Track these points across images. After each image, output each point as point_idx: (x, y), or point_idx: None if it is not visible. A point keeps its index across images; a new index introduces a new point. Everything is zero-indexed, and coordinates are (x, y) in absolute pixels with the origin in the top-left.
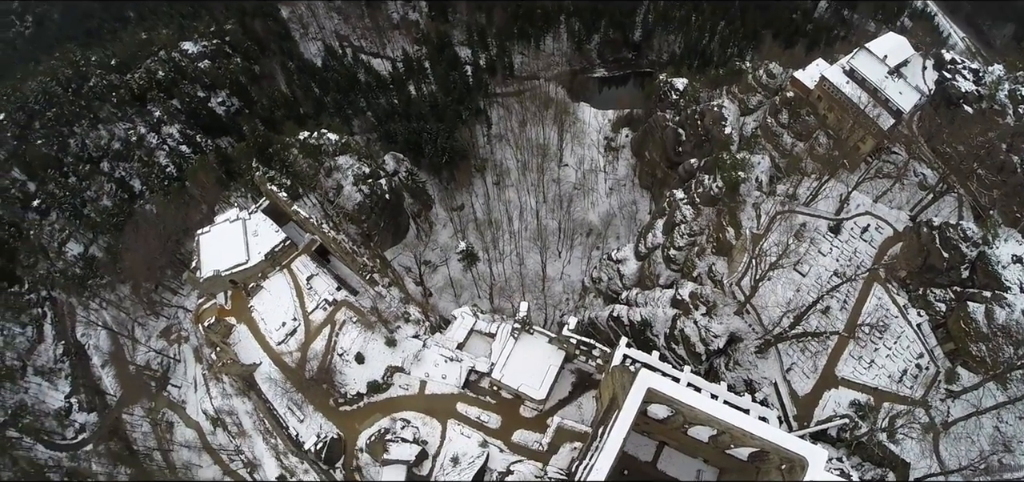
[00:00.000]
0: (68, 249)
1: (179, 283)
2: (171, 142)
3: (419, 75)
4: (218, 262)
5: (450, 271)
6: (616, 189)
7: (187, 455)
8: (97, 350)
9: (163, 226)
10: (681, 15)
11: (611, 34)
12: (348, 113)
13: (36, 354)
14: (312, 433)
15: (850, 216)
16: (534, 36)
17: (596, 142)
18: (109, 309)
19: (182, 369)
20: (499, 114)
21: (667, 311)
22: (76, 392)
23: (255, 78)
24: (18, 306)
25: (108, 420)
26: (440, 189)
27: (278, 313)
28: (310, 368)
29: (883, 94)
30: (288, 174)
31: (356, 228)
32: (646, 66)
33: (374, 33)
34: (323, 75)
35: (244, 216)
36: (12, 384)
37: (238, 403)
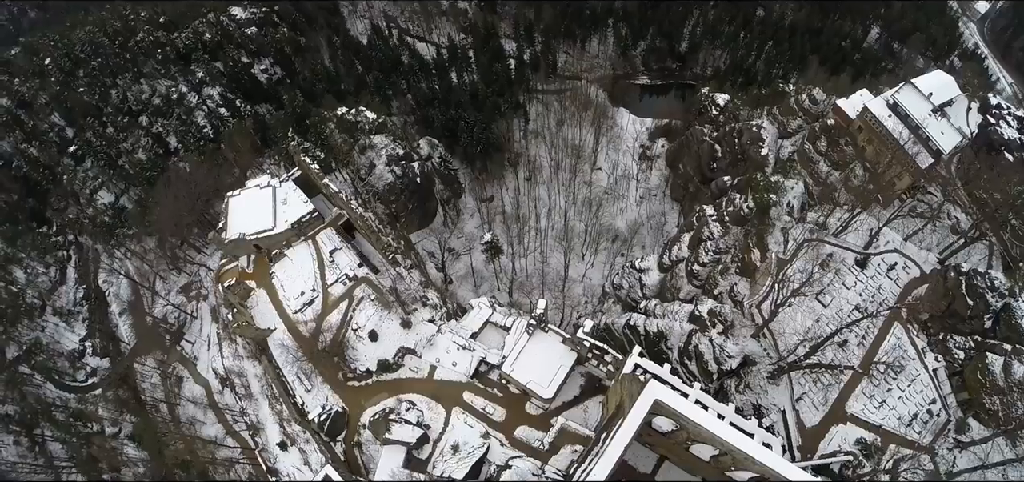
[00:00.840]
0: (99, 197)
1: (204, 242)
2: (211, 104)
3: (462, 63)
4: (244, 225)
5: (473, 261)
6: (646, 198)
7: (193, 410)
8: (116, 298)
9: (194, 185)
10: (730, 31)
11: (658, 43)
12: (388, 94)
13: (57, 295)
14: (318, 404)
15: (878, 252)
16: (581, 36)
17: (631, 149)
18: (133, 259)
19: (198, 326)
20: (538, 110)
21: (684, 326)
22: (91, 336)
23: (300, 49)
24: (44, 247)
25: (120, 367)
26: (471, 179)
27: (298, 282)
28: (323, 340)
29: (924, 132)
30: (323, 147)
31: (384, 208)
32: (689, 78)
33: (422, 17)
34: (367, 54)
35: (275, 183)
36: (30, 321)
37: (248, 366)
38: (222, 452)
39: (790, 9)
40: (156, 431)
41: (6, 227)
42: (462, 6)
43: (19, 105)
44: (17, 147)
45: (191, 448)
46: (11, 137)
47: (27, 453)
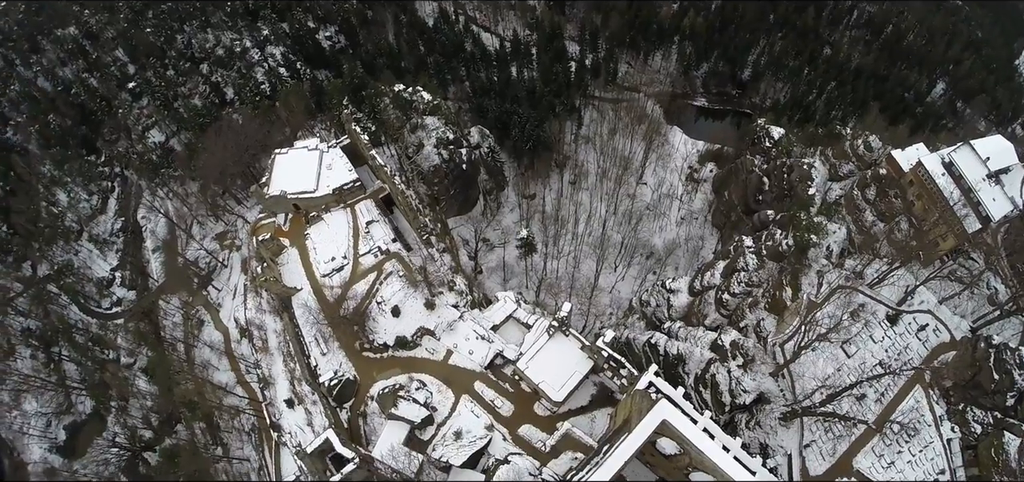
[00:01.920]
0: (150, 135)
1: (245, 194)
2: (272, 62)
3: (524, 59)
4: (287, 184)
5: (506, 255)
6: (687, 220)
7: (208, 355)
8: (152, 235)
9: (244, 137)
10: (794, 65)
11: (720, 67)
12: (447, 78)
13: (95, 223)
14: (331, 369)
15: (911, 310)
16: (645, 49)
17: (679, 169)
18: (174, 200)
19: (226, 274)
20: (592, 116)
21: (704, 353)
22: (122, 268)
23: (366, 22)
24: (90, 174)
25: (145, 302)
26: (516, 174)
27: (330, 248)
28: (346, 307)
29: (976, 196)
30: (375, 120)
31: (426, 188)
32: (747, 107)
33: (490, 8)
34: (431, 35)
35: (323, 148)
36: (65, 244)
37: (269, 320)
38: (230, 399)
39: (858, 51)
40: (169, 368)
41: (56, 150)
42: (531, 3)
43: (86, 36)
44: (78, 75)
45: (201, 390)
46: (74, 65)
47: (42, 368)
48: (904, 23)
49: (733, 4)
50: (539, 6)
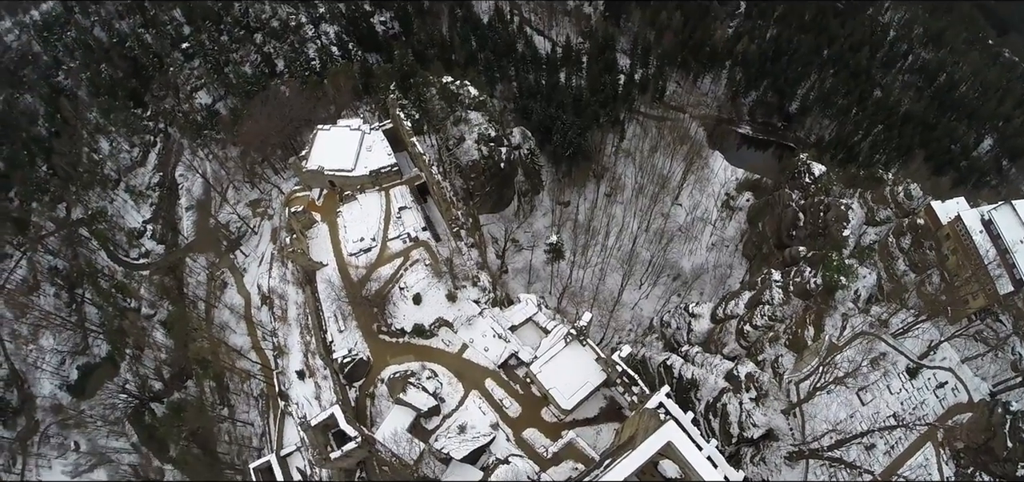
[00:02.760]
0: (198, 97)
1: (283, 165)
2: (325, 39)
3: (573, 66)
4: (326, 160)
5: (533, 258)
6: (718, 246)
7: (228, 317)
8: (188, 193)
9: (289, 109)
10: (843, 103)
11: (769, 96)
12: (495, 76)
13: (133, 174)
14: (346, 346)
15: (932, 366)
16: (695, 71)
17: (716, 195)
18: (213, 162)
19: (255, 241)
20: (635, 131)
21: (718, 381)
22: (154, 221)
23: (421, 12)
24: (135, 127)
25: (172, 257)
26: (553, 179)
27: (360, 228)
28: (369, 289)
29: (1012, 257)
30: (419, 108)
31: (462, 182)
32: (791, 140)
33: (545, 12)
34: (484, 32)
35: (365, 129)
36: (102, 190)
37: (291, 291)
38: (243, 363)
39: (908, 97)
40: (188, 325)
41: (104, 99)
42: (586, 11)
43: None
44: (134, 30)
45: (215, 350)
46: (131, 19)
47: (63, 307)
48: (958, 74)
49: (788, 35)
50: (594, 15)
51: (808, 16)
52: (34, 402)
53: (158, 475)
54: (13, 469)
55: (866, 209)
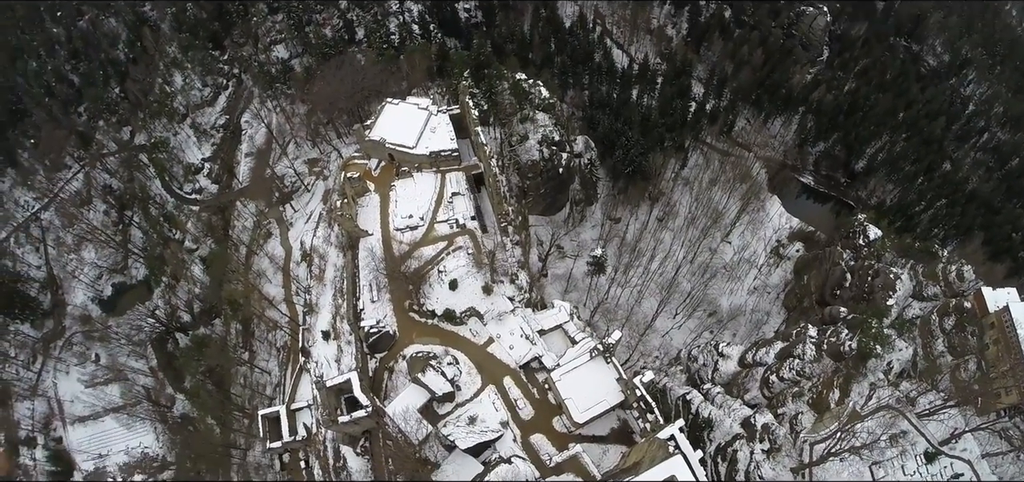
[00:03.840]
0: (275, 50)
1: (347, 131)
2: (407, 16)
3: (647, 85)
4: (389, 133)
5: (574, 267)
6: (759, 292)
7: (266, 265)
8: (250, 140)
9: (362, 78)
10: (910, 171)
11: (836, 150)
12: (569, 81)
13: (201, 112)
14: (375, 317)
15: (952, 454)
16: (767, 111)
17: (766, 240)
18: (279, 115)
19: (307, 199)
20: (697, 160)
21: (734, 426)
22: (213, 161)
23: (506, 5)
24: (210, 68)
25: (224, 198)
26: (609, 193)
27: (411, 205)
28: (408, 266)
29: None
30: (489, 100)
31: (519, 180)
32: (851, 198)
33: (628, 26)
34: (564, 36)
35: (432, 110)
36: (168, 122)
37: (333, 253)
38: (272, 312)
39: (978, 176)
40: (226, 265)
41: (185, 36)
42: (669, 32)
43: None
44: None
45: (248, 294)
46: None
47: (110, 225)
48: None
49: (866, 92)
50: (676, 38)
51: (890, 75)
52: (65, 309)
53: (168, 402)
54: (32, 367)
55: (915, 282)
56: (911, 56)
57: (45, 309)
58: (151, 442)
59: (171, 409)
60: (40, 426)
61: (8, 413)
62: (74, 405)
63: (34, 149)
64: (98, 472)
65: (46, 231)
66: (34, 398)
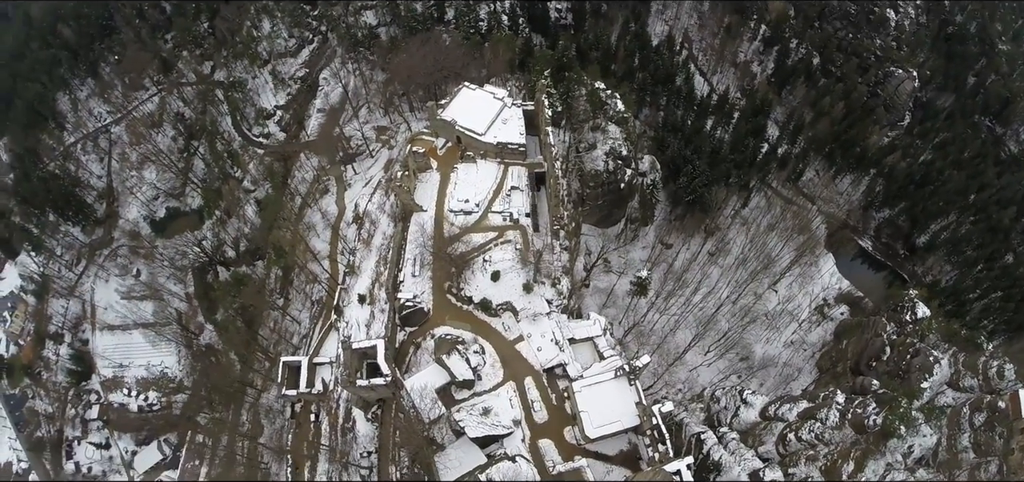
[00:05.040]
0: (364, 15)
1: (420, 106)
2: (499, 6)
3: (723, 118)
4: (461, 116)
5: (617, 284)
6: (795, 347)
7: (317, 220)
8: (324, 97)
9: (444, 58)
10: (971, 256)
11: (900, 220)
12: (646, 99)
13: (282, 61)
14: (412, 291)
15: None
16: (838, 167)
17: (813, 296)
18: (357, 78)
19: (368, 163)
20: (759, 202)
21: (742, 475)
22: (286, 110)
23: (597, 12)
24: (298, 20)
25: (289, 147)
26: (665, 217)
27: (469, 190)
28: (454, 248)
29: None
30: (564, 102)
31: (579, 187)
32: (906, 271)
33: (714, 56)
34: (650, 53)
35: (507, 102)
36: (249, 64)
37: (384, 221)
38: (314, 265)
39: None
40: (279, 211)
41: None
42: (754, 69)
43: None
44: None
45: (295, 243)
46: None
47: (175, 151)
48: None
49: (941, 166)
50: (760, 76)
51: (968, 153)
52: (116, 221)
53: (197, 329)
54: (74, 268)
55: (954, 370)
56: (993, 138)
57: (98, 217)
58: (172, 364)
59: (198, 337)
60: (70, 325)
61: (43, 306)
62: (106, 313)
63: (116, 66)
64: (115, 380)
65: (113, 144)
66: (70, 298)
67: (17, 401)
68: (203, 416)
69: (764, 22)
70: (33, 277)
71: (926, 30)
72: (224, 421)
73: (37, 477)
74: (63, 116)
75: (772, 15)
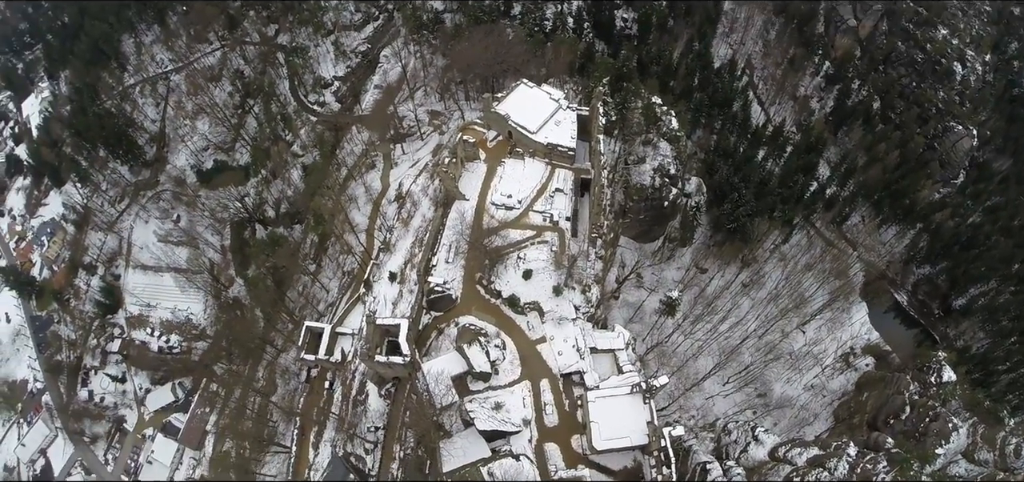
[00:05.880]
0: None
1: (476, 96)
2: (566, 8)
3: (777, 149)
4: (515, 112)
5: (646, 300)
6: (815, 391)
7: (359, 193)
8: (383, 74)
9: (506, 52)
10: (1007, 327)
11: (940, 279)
12: (701, 120)
13: (346, 35)
14: (443, 277)
15: None
16: (884, 216)
17: (840, 343)
18: (417, 60)
19: (418, 145)
20: (800, 240)
21: None
22: (344, 82)
23: (663, 27)
24: None
25: (342, 118)
26: (704, 242)
27: (513, 186)
28: (491, 241)
29: None
30: (619, 112)
31: (623, 198)
32: (938, 332)
33: (774, 86)
34: (710, 75)
35: (562, 104)
36: (313, 32)
37: (425, 204)
38: (350, 237)
39: None
40: (324, 179)
41: None
42: (813, 105)
43: None
44: None
45: (335, 212)
46: None
47: (230, 106)
48: None
49: (989, 230)
50: (818, 113)
51: (1018, 221)
52: (164, 165)
53: (228, 282)
54: (117, 205)
55: (971, 441)
56: None
57: (146, 159)
58: (198, 311)
59: (227, 289)
60: (105, 259)
61: (81, 237)
62: (142, 252)
63: (183, 16)
64: (140, 318)
65: (171, 92)
66: (108, 233)
67: (42, 323)
68: (220, 366)
69: (829, 58)
70: (76, 208)
71: (991, 89)
72: (240, 374)
73: (50, 398)
74: (126, 58)
75: (838, 52)
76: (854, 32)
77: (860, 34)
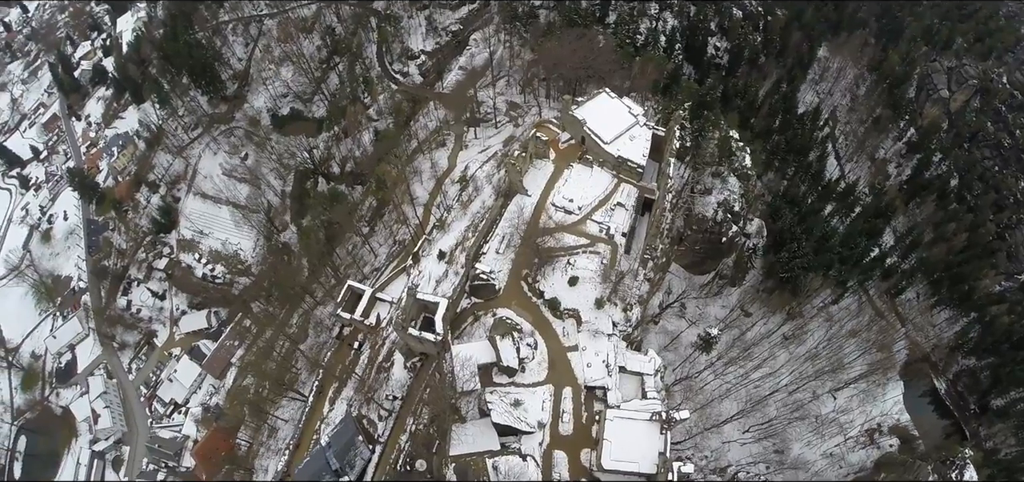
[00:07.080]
0: None
1: (557, 96)
2: (660, 26)
3: (845, 207)
4: (592, 119)
5: (685, 332)
6: (833, 460)
7: (425, 167)
8: (470, 57)
9: (593, 58)
10: None
11: (983, 375)
12: (775, 163)
13: (439, 10)
14: (490, 267)
15: None
16: (941, 297)
17: (868, 417)
18: (505, 50)
19: (491, 132)
20: (850, 304)
21: None
22: (430, 58)
23: (753, 63)
24: None
25: (423, 92)
26: (754, 284)
27: (576, 191)
28: (544, 241)
29: None
30: (694, 139)
31: (681, 226)
32: (970, 428)
33: (855, 143)
34: (792, 120)
35: (640, 120)
36: (407, 3)
37: (487, 191)
38: (408, 209)
39: None
40: (393, 147)
41: None
42: (890, 170)
43: None
44: None
45: (397, 181)
46: None
47: (316, 57)
48: None
49: None
50: (893, 179)
51: None
52: (242, 103)
53: (282, 226)
54: (190, 132)
55: None
56: None
57: (226, 95)
58: (247, 247)
59: (280, 233)
60: (169, 180)
61: (150, 155)
62: (205, 181)
63: None
64: (191, 243)
65: (261, 35)
66: (177, 157)
67: (97, 227)
68: (258, 305)
69: (915, 125)
70: (150, 126)
71: None
72: (275, 317)
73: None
74: None
75: (925, 121)
76: (945, 103)
77: (951, 107)
